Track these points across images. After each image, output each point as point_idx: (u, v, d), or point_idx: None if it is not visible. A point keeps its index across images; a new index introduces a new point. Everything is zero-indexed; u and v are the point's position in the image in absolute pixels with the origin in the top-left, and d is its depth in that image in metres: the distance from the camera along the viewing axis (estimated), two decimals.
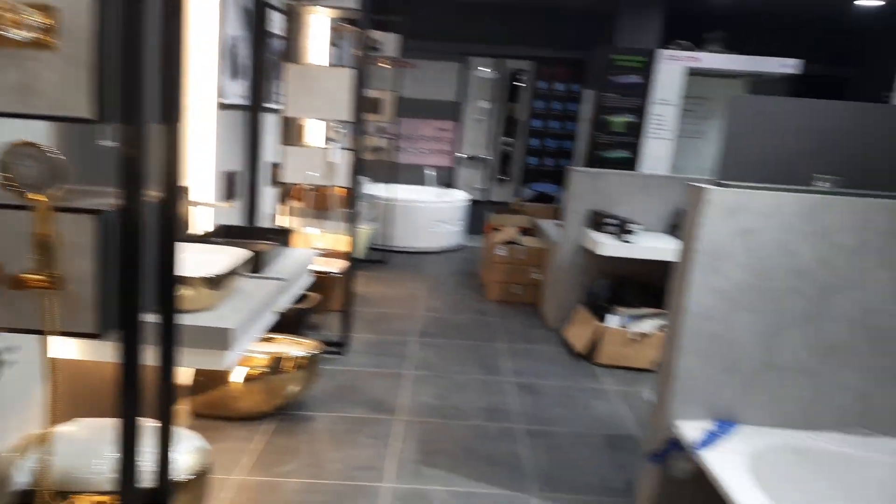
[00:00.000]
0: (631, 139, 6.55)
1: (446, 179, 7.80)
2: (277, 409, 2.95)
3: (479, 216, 7.54)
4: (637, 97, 6.39)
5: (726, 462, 1.92)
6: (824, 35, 7.66)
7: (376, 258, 6.08)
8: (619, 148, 6.64)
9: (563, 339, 4.26)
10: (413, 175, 7.79)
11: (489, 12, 7.43)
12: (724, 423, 2.18)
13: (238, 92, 3.09)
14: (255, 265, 2.34)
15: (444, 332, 4.25)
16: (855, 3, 6.31)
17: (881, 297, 2.12)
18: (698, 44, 6.80)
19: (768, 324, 2.14)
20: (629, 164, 6.54)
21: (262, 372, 2.80)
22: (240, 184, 3.19)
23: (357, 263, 5.57)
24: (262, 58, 3.08)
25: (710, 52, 6.57)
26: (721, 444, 2.04)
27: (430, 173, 7.68)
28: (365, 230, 5.40)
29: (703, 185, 2.09)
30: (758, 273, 2.10)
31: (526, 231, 5.67)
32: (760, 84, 6.66)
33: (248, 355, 2.77)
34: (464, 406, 3.19)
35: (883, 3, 6.08)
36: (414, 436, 2.86)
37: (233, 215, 3.23)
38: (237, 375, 2.80)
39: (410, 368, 3.60)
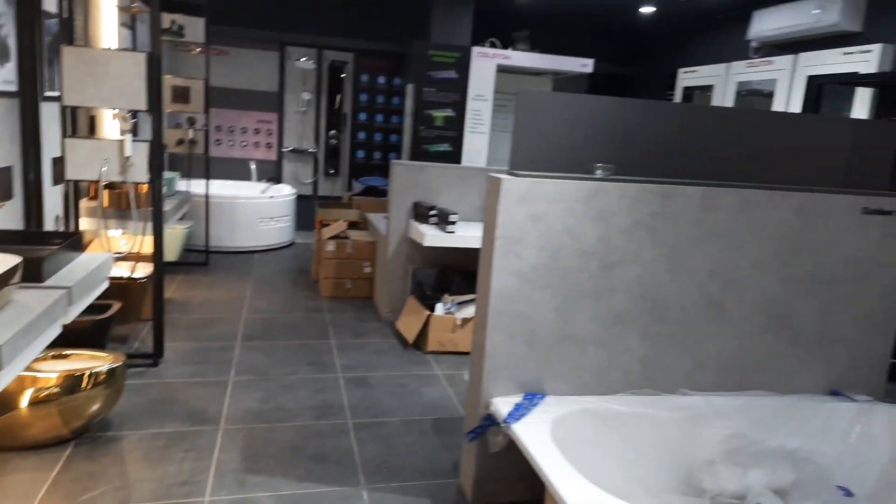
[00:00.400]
0: (452, 133, 6.80)
1: (272, 174, 7.52)
2: (77, 433, 2.66)
3: (308, 211, 7.39)
4: (454, 92, 6.64)
5: (531, 431, 2.08)
6: (617, 37, 8.52)
7: (195, 260, 5.70)
8: (441, 141, 6.86)
9: (396, 330, 4.32)
10: (236, 169, 7.41)
11: (306, 1, 7.27)
12: (532, 396, 2.36)
13: (7, 77, 2.70)
14: (36, 273, 2.08)
15: (271, 334, 4.10)
16: (640, 10, 7.09)
17: (653, 270, 2.41)
18: (508, 42, 7.23)
19: (563, 300, 2.35)
20: (452, 157, 6.79)
21: (53, 393, 2.50)
22: (16, 182, 2.81)
23: (170, 266, 5.20)
24: (33, 39, 2.72)
25: (518, 50, 7.01)
26: (528, 416, 2.21)
27: (254, 167, 7.36)
28: (178, 230, 5.03)
29: (499, 175, 2.23)
30: (550, 254, 2.29)
31: (357, 225, 5.66)
32: (563, 81, 7.24)
33: (31, 375, 2.46)
34: (291, 407, 3.12)
35: (654, 9, 6.89)
36: (237, 444, 2.74)
37: (9, 218, 2.83)
38: (23, 399, 2.48)
39: (234, 374, 3.44)
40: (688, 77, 7.42)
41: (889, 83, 4.92)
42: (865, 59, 5.22)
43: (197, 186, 5.75)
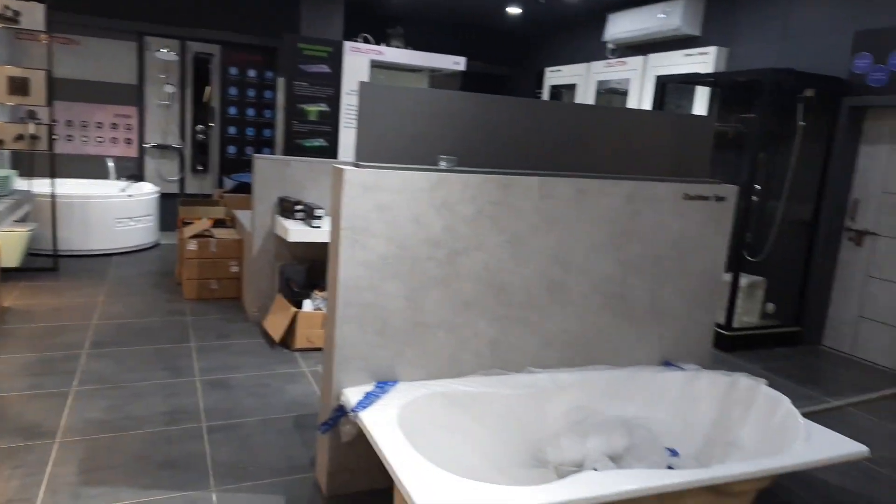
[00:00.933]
0: (326, 128, 6.71)
1: (133, 171, 7.06)
2: None
3: (175, 210, 7.01)
4: (328, 87, 6.56)
5: (377, 418, 2.11)
6: (491, 38, 8.78)
7: (42, 265, 5.24)
8: (316, 136, 6.75)
9: (263, 329, 4.21)
10: (92, 167, 6.89)
11: None
12: (384, 384, 2.39)
13: None
14: None
15: (125, 340, 3.85)
16: (507, 11, 7.33)
17: (498, 256, 2.52)
18: (382, 39, 7.24)
19: (412, 288, 2.39)
20: (327, 151, 6.71)
21: None
22: None
23: (11, 273, 4.75)
24: None
25: (392, 46, 7.04)
26: (377, 403, 2.23)
27: (113, 165, 6.87)
28: (18, 233, 4.60)
29: (342, 167, 2.24)
30: (398, 244, 2.33)
31: (224, 223, 5.44)
32: (439, 78, 7.36)
33: None
34: (140, 414, 2.95)
35: (520, 11, 7.17)
36: (75, 457, 2.55)
37: None
38: None
39: (77, 384, 3.20)
40: (554, 76, 7.78)
41: (722, 82, 5.42)
42: (703, 61, 5.73)
43: (39, 185, 5.28)
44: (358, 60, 6.62)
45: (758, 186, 4.91)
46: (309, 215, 4.14)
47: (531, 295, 2.61)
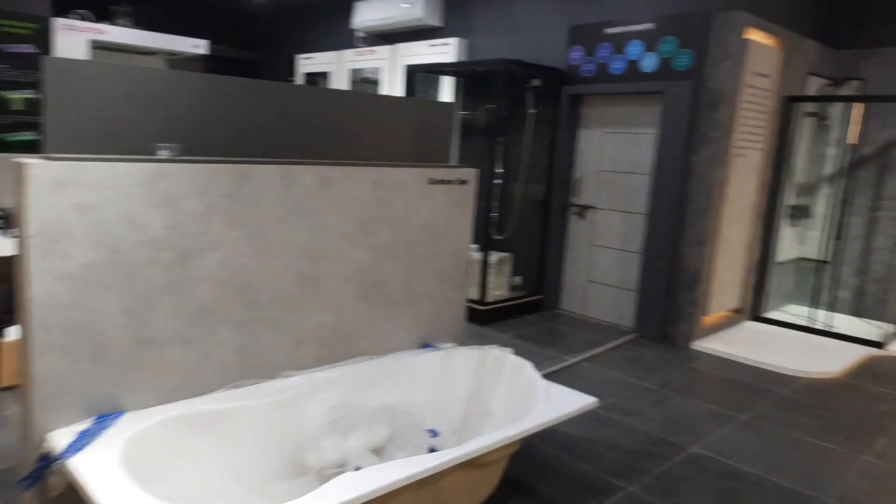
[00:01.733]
0: (38, 118, 5.67)
1: None
2: None
3: None
4: (36, 70, 5.53)
5: (93, 461, 1.77)
6: (239, 21, 8.21)
7: None
8: (23, 129, 5.68)
9: None
10: None
11: None
12: (104, 417, 2.03)
13: None
14: None
15: None
16: None
17: (237, 254, 2.29)
18: (104, 16, 6.34)
19: (133, 300, 2.06)
20: (39, 146, 5.68)
21: None
22: None
23: None
24: None
25: (118, 25, 6.21)
26: (95, 442, 1.88)
27: None
28: None
29: (22, 160, 1.82)
30: (109, 249, 1.98)
31: None
32: (178, 62, 6.66)
33: None
34: None
35: None
36: None
37: None
38: None
39: None
40: (306, 63, 7.56)
41: (463, 72, 5.72)
42: (446, 52, 5.99)
43: None
44: (73, 40, 5.70)
45: (500, 170, 5.29)
46: (8, 224, 3.42)
47: (280, 292, 2.43)
